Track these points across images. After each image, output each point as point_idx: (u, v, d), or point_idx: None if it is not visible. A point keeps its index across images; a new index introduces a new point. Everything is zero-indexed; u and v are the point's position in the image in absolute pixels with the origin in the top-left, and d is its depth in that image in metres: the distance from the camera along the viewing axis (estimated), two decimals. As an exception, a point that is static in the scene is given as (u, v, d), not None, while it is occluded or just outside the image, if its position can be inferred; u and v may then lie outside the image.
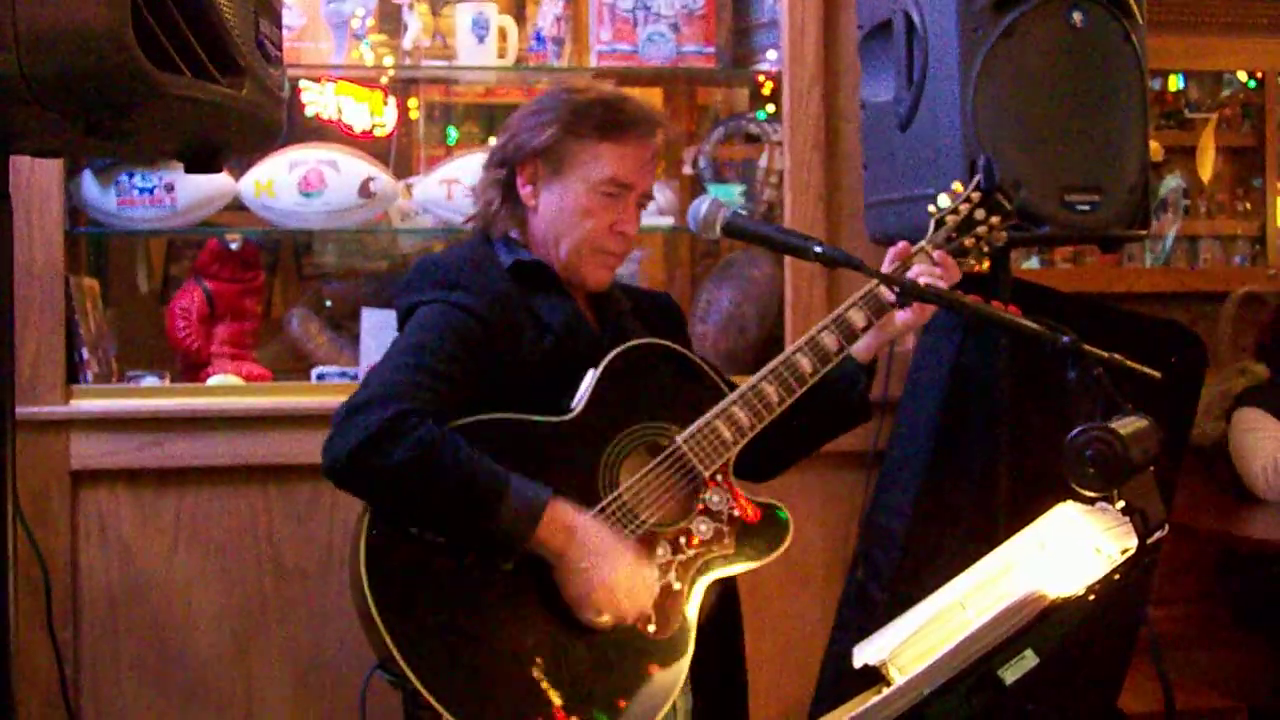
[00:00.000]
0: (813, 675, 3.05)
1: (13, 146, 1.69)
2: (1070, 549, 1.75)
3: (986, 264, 2.48)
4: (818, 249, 2.14)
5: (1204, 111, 4.44)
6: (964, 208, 2.33)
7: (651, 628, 2.08)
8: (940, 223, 2.32)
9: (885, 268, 2.28)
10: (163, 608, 2.96)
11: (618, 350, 2.18)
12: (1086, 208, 2.61)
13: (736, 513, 2.18)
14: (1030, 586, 1.59)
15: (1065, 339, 1.87)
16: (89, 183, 3.01)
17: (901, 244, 2.32)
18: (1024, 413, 2.72)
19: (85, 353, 2.97)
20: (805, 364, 2.20)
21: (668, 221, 3.26)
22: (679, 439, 2.16)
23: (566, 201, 2.24)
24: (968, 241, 2.32)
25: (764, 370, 2.20)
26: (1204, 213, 4.48)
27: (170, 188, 3.00)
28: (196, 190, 3.02)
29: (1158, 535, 1.69)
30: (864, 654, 1.78)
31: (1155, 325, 3.07)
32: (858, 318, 2.24)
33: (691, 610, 2.11)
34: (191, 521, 2.97)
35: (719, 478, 2.18)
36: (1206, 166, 4.38)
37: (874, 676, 1.73)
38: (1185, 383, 3.00)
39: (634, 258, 3.40)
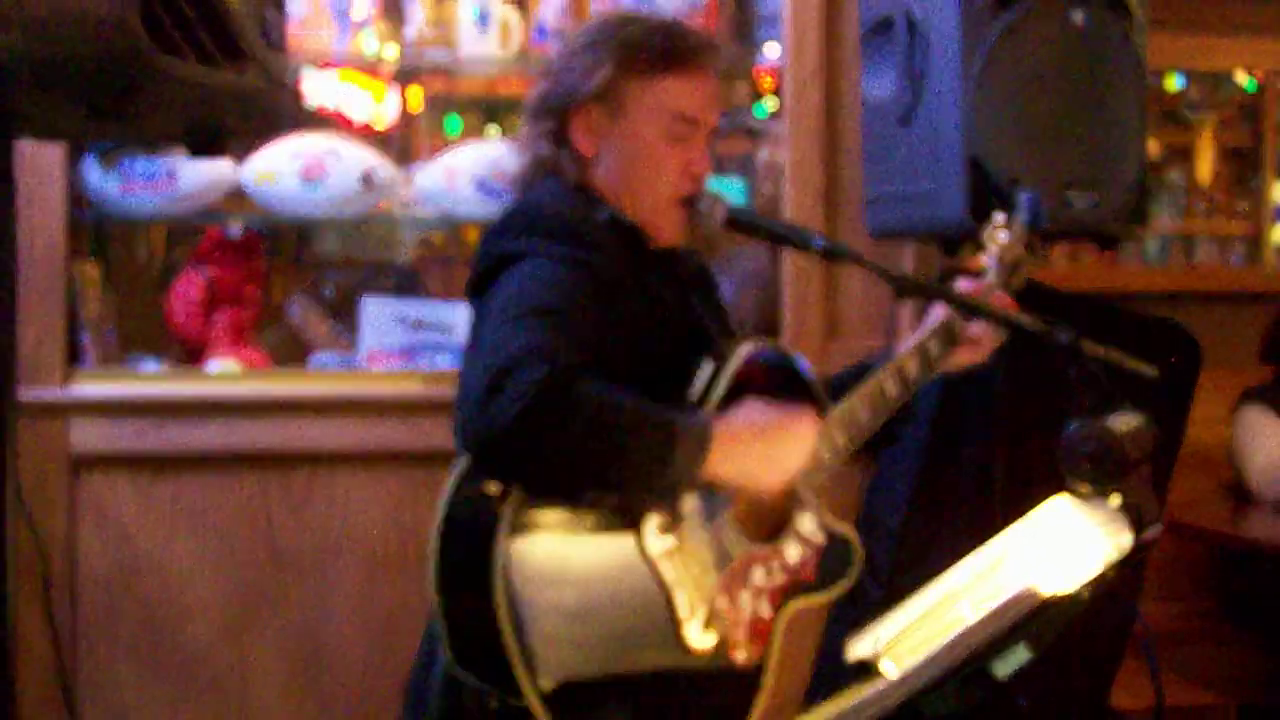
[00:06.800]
0: (807, 668, 3.05)
1: (16, 129, 1.68)
2: (1064, 544, 1.75)
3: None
4: (819, 243, 2.11)
5: (1203, 112, 4.45)
6: (1018, 246, 2.25)
7: (742, 656, 1.90)
8: (999, 260, 2.23)
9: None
10: (160, 593, 2.97)
11: (746, 352, 1.97)
12: (1085, 204, 2.62)
13: (820, 539, 2.01)
14: (1024, 582, 1.59)
15: (1063, 336, 1.88)
16: (91, 167, 3.01)
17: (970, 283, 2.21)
18: (1019, 408, 2.73)
19: (86, 337, 2.98)
20: (893, 389, 2.07)
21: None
22: None
23: (635, 149, 1.97)
24: (1013, 279, 2.25)
25: (859, 392, 2.05)
26: (1201, 213, 4.49)
27: (172, 174, 3.01)
28: (198, 177, 3.03)
29: (1152, 532, 1.70)
30: (858, 647, 1.78)
31: (1152, 324, 3.08)
32: (934, 347, 2.12)
33: (776, 642, 1.95)
34: (190, 507, 2.97)
35: (813, 500, 2.02)
36: (1205, 167, 4.39)
37: (868, 670, 1.74)
38: (1182, 382, 3.01)
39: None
